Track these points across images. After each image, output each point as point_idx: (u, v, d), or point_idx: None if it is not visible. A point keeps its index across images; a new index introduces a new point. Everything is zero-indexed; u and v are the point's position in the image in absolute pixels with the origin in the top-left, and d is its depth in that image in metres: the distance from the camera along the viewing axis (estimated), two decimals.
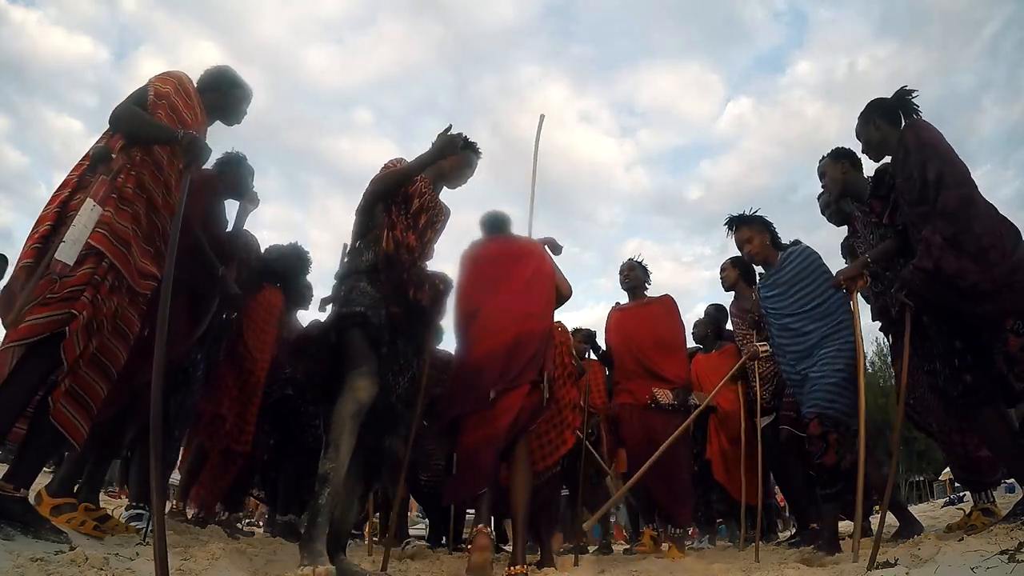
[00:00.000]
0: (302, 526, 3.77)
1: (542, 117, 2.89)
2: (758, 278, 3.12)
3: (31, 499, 1.94)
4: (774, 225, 2.88)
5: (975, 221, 2.07)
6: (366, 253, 2.11)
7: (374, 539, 3.65)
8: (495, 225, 2.78)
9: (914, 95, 2.34)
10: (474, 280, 2.58)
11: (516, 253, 2.65)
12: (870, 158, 2.50)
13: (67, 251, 1.77)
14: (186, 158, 1.92)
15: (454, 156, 2.31)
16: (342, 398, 1.86)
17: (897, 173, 2.32)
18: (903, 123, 2.33)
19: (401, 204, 2.17)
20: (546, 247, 2.76)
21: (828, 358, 2.53)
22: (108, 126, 2.03)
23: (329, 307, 2.13)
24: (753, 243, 2.82)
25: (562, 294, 2.66)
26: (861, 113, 2.45)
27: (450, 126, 2.25)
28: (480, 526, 2.21)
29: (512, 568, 2.16)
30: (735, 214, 2.91)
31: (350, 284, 2.07)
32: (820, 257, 2.76)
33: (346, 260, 2.17)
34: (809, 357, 2.61)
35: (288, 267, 3.55)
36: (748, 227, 2.83)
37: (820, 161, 2.78)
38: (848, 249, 3.03)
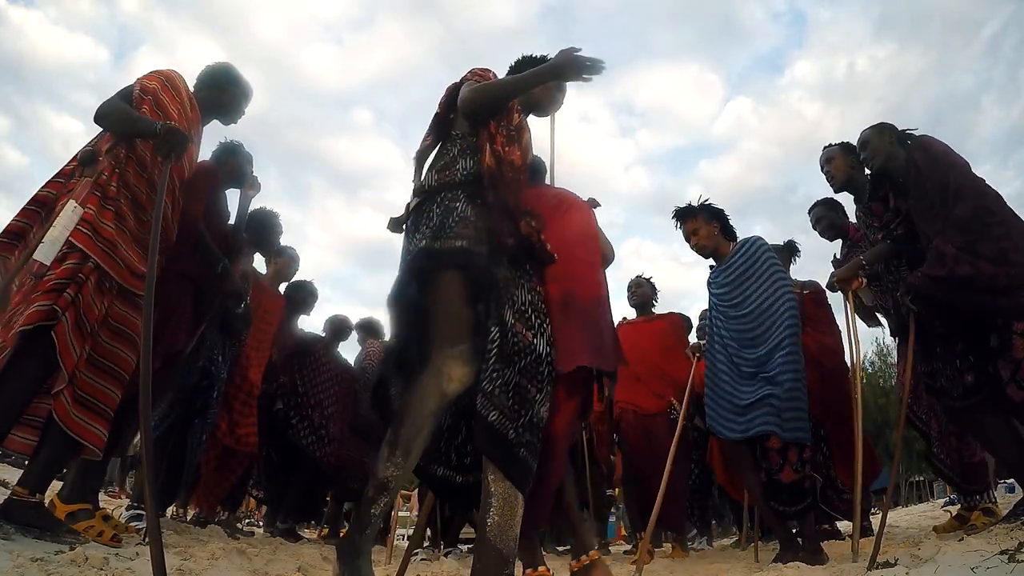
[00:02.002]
0: (293, 534, 3.80)
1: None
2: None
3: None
4: (725, 213, 2.71)
5: (992, 228, 2.06)
6: (462, 161, 1.62)
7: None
8: (532, 170, 2.29)
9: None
10: None
11: (560, 200, 2.09)
12: (871, 167, 2.49)
13: (45, 251, 1.76)
14: (163, 149, 1.87)
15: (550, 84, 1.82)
16: (424, 384, 1.40)
17: (910, 193, 2.32)
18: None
19: (501, 116, 1.70)
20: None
21: (779, 372, 2.34)
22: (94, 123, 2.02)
23: (403, 230, 1.62)
24: (699, 234, 2.66)
25: (607, 257, 2.22)
26: (875, 125, 2.47)
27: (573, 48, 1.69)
28: (542, 569, 1.68)
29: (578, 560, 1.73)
30: (681, 206, 2.74)
31: (444, 204, 1.54)
32: (772, 251, 2.62)
33: (433, 172, 1.64)
34: (759, 359, 2.42)
35: (257, 231, 3.32)
36: (694, 218, 2.68)
37: (827, 147, 2.72)
38: (837, 265, 3.00)
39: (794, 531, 2.44)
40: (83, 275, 1.79)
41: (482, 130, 1.64)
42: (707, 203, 2.70)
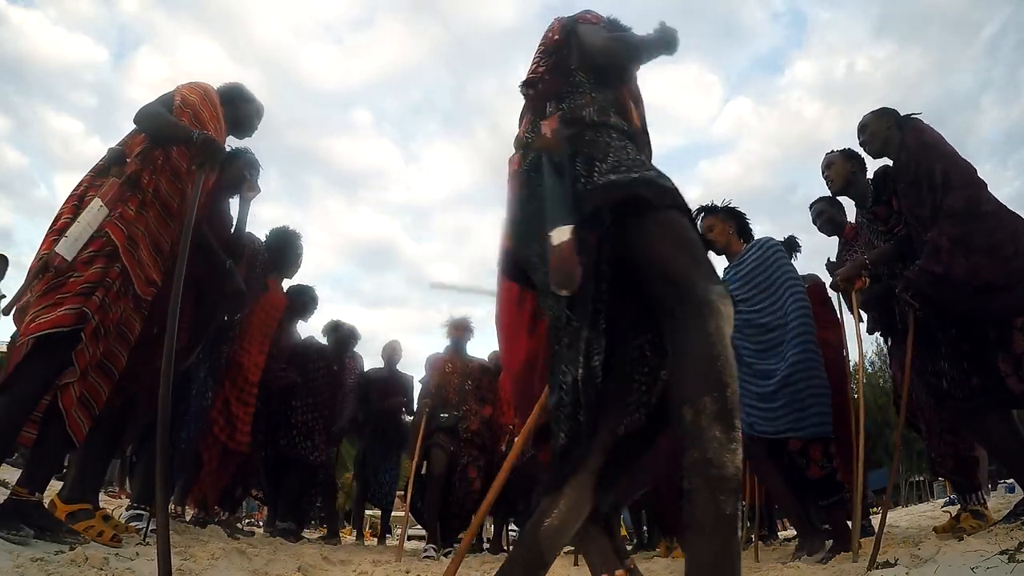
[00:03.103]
0: (294, 534, 3.83)
1: None
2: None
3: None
4: (745, 216, 2.86)
5: (985, 219, 2.06)
6: (608, 110, 1.38)
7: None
8: None
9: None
10: None
11: None
12: (869, 151, 2.52)
13: (67, 246, 1.77)
14: (200, 158, 1.94)
15: None
16: (709, 330, 0.97)
17: (899, 176, 2.33)
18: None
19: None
20: None
21: (793, 368, 2.41)
22: (134, 125, 2.09)
23: (554, 151, 1.27)
24: (715, 231, 2.82)
25: None
26: (876, 110, 2.50)
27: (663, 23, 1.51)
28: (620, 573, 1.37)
29: None
30: (704, 204, 2.91)
31: (605, 138, 1.26)
32: (782, 249, 2.75)
33: (593, 108, 1.37)
34: (770, 354, 2.51)
35: (280, 251, 3.40)
36: (712, 216, 2.85)
37: (829, 153, 2.78)
38: (833, 268, 3.01)
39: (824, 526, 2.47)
40: (110, 279, 1.83)
41: (622, 89, 1.48)
42: (728, 205, 2.87)
